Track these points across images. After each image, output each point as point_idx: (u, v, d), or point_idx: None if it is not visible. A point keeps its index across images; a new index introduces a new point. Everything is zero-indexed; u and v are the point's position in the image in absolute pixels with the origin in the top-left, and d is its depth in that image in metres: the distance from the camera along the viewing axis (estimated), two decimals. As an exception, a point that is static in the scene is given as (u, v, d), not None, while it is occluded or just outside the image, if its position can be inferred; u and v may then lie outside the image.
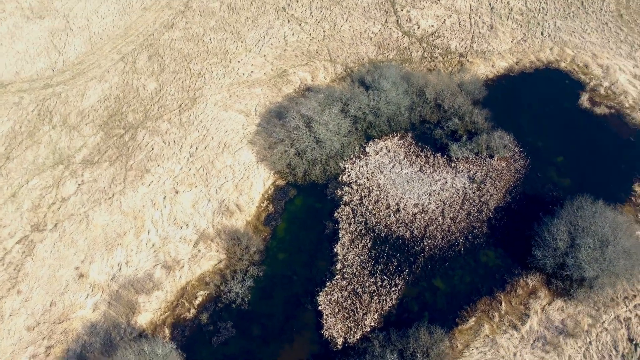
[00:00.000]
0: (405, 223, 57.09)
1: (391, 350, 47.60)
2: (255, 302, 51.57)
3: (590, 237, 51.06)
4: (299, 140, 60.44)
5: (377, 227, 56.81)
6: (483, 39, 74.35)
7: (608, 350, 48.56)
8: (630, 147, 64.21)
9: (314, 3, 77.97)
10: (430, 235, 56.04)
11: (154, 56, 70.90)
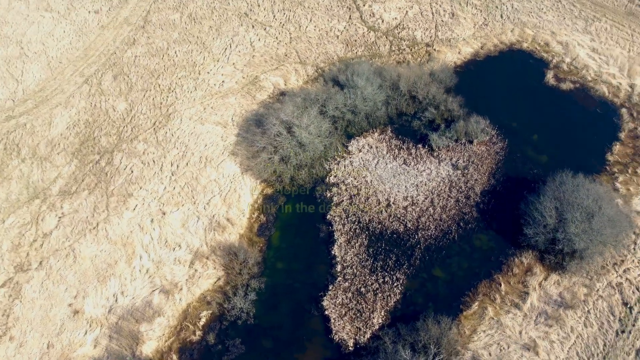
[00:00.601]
0: (397, 217, 57.44)
1: (402, 345, 47.86)
2: (261, 315, 50.81)
3: (576, 211, 52.74)
4: (282, 146, 59.76)
5: (371, 224, 56.92)
6: (446, 27, 75.38)
7: (606, 316, 50.40)
8: (597, 119, 66.66)
9: (276, 6, 77.06)
10: (423, 227, 56.58)
11: (119, 75, 68.42)
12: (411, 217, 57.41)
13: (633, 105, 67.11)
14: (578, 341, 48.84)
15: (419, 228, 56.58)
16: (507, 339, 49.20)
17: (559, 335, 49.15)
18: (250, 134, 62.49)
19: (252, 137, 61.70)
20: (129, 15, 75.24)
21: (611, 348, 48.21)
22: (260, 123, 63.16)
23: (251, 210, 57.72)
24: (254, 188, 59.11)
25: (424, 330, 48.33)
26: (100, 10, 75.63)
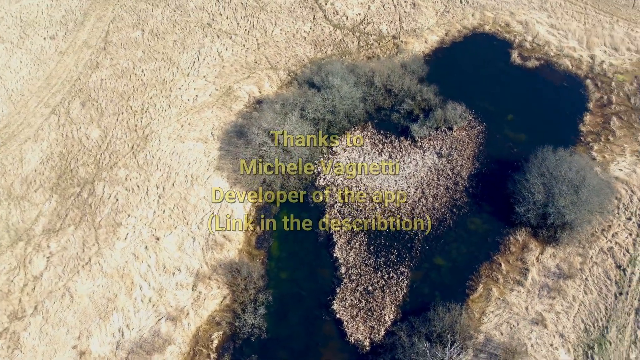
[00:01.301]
0: (392, 211, 57.83)
1: (418, 337, 48.39)
2: (273, 328, 50.26)
3: (563, 184, 54.50)
4: (268, 155, 59.06)
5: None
6: (410, 17, 76.12)
7: (602, 281, 52.44)
8: (565, 92, 69.00)
9: (238, 13, 75.81)
10: (418, 218, 57.17)
11: (87, 102, 65.77)
12: (405, 210, 57.89)
13: (596, 75, 69.76)
14: (581, 309, 50.63)
15: (414, 219, 57.10)
16: (515, 316, 50.46)
17: (563, 306, 50.79)
18: (233, 147, 61.43)
19: (236, 150, 60.69)
20: (88, 37, 72.34)
21: (612, 311, 50.23)
22: (241, 134, 62.16)
23: (246, 224, 56.80)
24: (245, 201, 58.15)
25: (437, 320, 48.97)
26: (56, 36, 72.38)
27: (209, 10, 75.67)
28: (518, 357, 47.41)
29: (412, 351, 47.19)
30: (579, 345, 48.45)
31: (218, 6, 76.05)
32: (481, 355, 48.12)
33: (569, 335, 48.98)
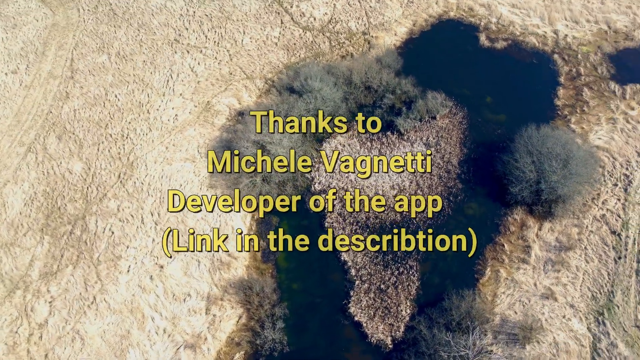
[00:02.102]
0: (391, 207, 58.11)
1: (438, 328, 48.99)
2: (295, 341, 49.83)
3: (552, 160, 56.06)
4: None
5: (369, 220, 57.20)
6: (376, 12, 76.30)
7: (601, 248, 54.38)
8: (536, 69, 70.87)
9: (204, 26, 74.11)
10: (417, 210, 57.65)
11: (63, 135, 63.01)
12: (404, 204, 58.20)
13: (562, 49, 71.91)
14: (585, 277, 52.39)
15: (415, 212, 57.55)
16: (525, 293, 51.76)
17: (569, 277, 52.43)
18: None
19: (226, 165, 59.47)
20: (52, 68, 69.16)
21: (615, 275, 52.21)
22: (229, 148, 61.02)
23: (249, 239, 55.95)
24: (244, 215, 57.27)
25: (453, 308, 49.66)
26: (17, 70, 68.87)
27: (173, 25, 73.63)
28: (535, 333, 48.66)
29: (435, 343, 47.72)
30: (590, 313, 50.15)
31: (182, 21, 74.11)
32: (500, 336, 49.13)
33: (579, 305, 50.62)
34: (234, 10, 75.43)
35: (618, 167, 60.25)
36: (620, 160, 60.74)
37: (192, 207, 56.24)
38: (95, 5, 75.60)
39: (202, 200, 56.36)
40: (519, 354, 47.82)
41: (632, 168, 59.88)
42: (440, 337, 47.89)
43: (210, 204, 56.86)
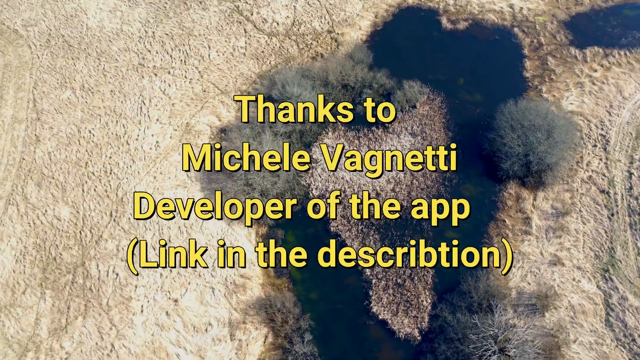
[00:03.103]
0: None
1: (461, 312, 49.85)
2: (325, 350, 49.48)
3: (536, 131, 57.73)
4: (256, 181, 57.05)
5: (373, 217, 57.24)
6: (337, 8, 75.81)
7: (594, 208, 56.66)
8: (500, 45, 72.56)
9: (167, 45, 71.46)
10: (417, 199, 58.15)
11: (42, 181, 59.49)
12: (403, 197, 58.63)
13: (520, 22, 73.89)
14: (586, 239, 54.53)
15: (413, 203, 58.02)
16: (534, 264, 53.36)
17: (570, 241, 54.40)
18: (216, 183, 58.66)
19: (220, 185, 58.02)
20: (15, 112, 64.91)
21: (611, 232, 54.58)
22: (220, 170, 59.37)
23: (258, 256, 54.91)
24: (249, 233, 56.10)
25: (472, 290, 50.61)
26: (-23, 119, 64.30)
27: (134, 49, 70.60)
28: (551, 300, 50.33)
29: (462, 327, 48.49)
30: (596, 272, 52.30)
31: (143, 43, 71.16)
32: (519, 309, 50.51)
33: (585, 266, 52.67)
34: (194, 25, 73.05)
35: (594, 128, 62.77)
36: (595, 122, 63.28)
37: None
38: (47, 40, 71.41)
39: (176, 205, 54.76)
40: (540, 322, 49.33)
41: (606, 127, 62.51)
42: (465, 320, 48.70)
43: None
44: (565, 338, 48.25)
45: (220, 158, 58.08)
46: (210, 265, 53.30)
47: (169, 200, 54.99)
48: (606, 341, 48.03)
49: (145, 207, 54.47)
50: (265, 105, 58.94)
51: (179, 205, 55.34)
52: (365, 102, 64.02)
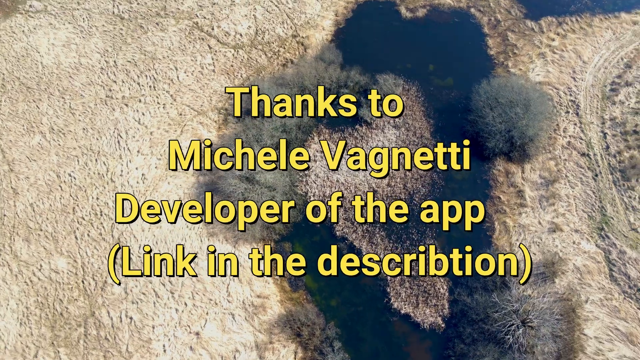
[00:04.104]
0: (389, 196, 58.47)
1: (478, 293, 50.82)
2: (356, 355, 49.34)
3: (515, 107, 59.16)
4: (254, 198, 55.77)
5: (376, 215, 57.21)
6: (297, 11, 74.65)
7: (578, 171, 58.78)
8: (460, 27, 73.64)
9: (132, 72, 68.29)
10: (413, 191, 58.62)
11: (30, 235, 55.85)
12: (399, 190, 58.89)
13: (475, 2, 75.23)
14: (577, 202, 56.58)
15: (412, 195, 58.43)
16: (535, 234, 54.94)
17: (563, 207, 56.32)
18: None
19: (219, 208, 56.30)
20: (-16, 167, 60.46)
21: (599, 192, 56.87)
22: (215, 191, 57.72)
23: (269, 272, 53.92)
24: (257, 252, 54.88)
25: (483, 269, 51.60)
26: (-57, 181, 59.37)
27: (99, 82, 67.10)
28: (557, 266, 52.03)
29: (483, 307, 49.43)
30: (593, 232, 54.44)
31: (106, 74, 67.72)
32: (530, 280, 51.93)
33: (581, 228, 54.71)
34: (156, 48, 70.12)
35: (563, 95, 64.93)
36: (562, 89, 65.46)
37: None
38: (1, 84, 66.72)
39: (162, 208, 53.50)
40: (552, 289, 50.97)
41: (574, 93, 64.81)
42: (484, 300, 49.64)
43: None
44: (578, 300, 50.05)
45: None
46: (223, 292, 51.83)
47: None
48: (614, 295, 50.17)
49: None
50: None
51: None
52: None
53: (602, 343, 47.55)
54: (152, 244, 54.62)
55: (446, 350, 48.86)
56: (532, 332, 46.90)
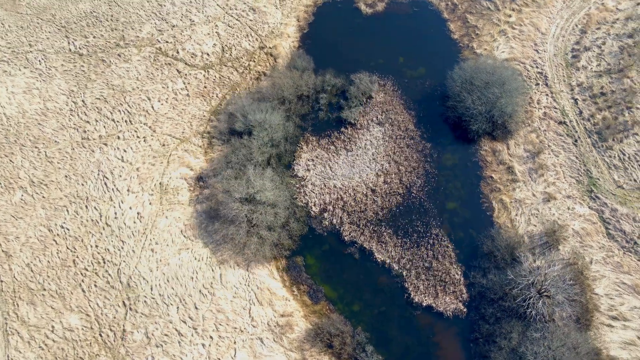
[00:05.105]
0: (387, 193, 58.51)
1: (492, 272, 51.77)
2: (389, 355, 49.40)
3: (492, 88, 60.09)
4: (259, 219, 54.56)
5: (378, 215, 57.17)
6: (259, 22, 72.96)
7: (559, 139, 60.43)
8: (420, 16, 73.97)
9: (104, 110, 64.93)
10: (410, 184, 58.83)
11: (34, 297, 52.37)
12: (396, 185, 58.96)
13: (431, -10, 75.47)
14: (563, 169, 58.32)
15: (409, 188, 58.64)
16: (531, 206, 56.32)
17: (552, 176, 57.94)
18: (218, 235, 55.31)
19: (224, 235, 54.80)
20: (-33, 234, 56.11)
21: (581, 156, 58.79)
22: (216, 217, 56.01)
23: (288, 290, 53.08)
24: (271, 271, 53.87)
25: (493, 250, 52.58)
26: None
27: (71, 125, 63.47)
28: (559, 233, 53.58)
29: (500, 285, 50.40)
30: (583, 195, 56.32)
31: (77, 114, 64.13)
32: (536, 251, 53.32)
33: (572, 193, 56.50)
34: (123, 80, 66.90)
35: (530, 68, 66.47)
36: (528, 62, 66.99)
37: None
38: (-34, 145, 62.02)
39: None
40: (558, 256, 52.47)
41: (540, 64, 66.46)
42: (499, 279, 50.59)
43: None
44: (583, 262, 51.79)
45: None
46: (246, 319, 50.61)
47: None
48: (615, 252, 52.24)
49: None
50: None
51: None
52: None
53: (613, 299, 49.46)
54: (162, 283, 52.51)
55: (472, 333, 49.58)
56: (549, 301, 48.16)
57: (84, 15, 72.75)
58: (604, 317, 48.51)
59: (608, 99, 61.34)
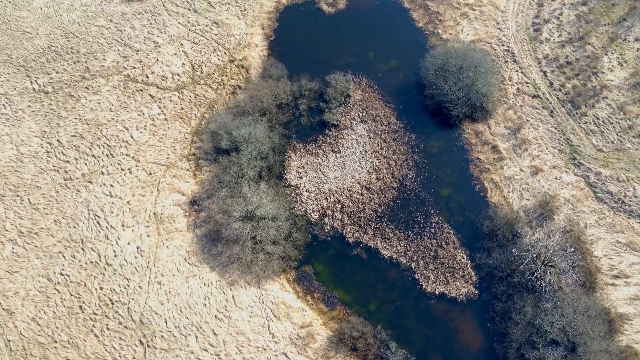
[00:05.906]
0: (382, 189, 58.40)
1: (497, 252, 52.56)
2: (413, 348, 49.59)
3: (466, 71, 60.55)
4: (262, 234, 53.55)
5: (377, 212, 57.05)
6: (225, 35, 71.09)
7: (535, 112, 61.58)
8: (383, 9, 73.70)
9: (82, 147, 61.97)
10: (402, 177, 58.90)
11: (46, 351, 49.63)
12: (389, 180, 58.90)
13: (389, -19, 75.11)
14: (545, 141, 59.54)
15: (402, 181, 58.70)
16: (520, 181, 57.33)
17: (536, 149, 59.09)
18: (223, 257, 54.03)
19: (229, 255, 53.58)
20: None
21: (560, 126, 60.19)
22: (218, 239, 54.66)
23: (303, 300, 52.46)
24: (282, 284, 53.09)
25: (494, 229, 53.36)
26: None
27: (50, 167, 60.35)
28: (551, 203, 54.79)
29: (505, 262, 51.25)
30: (568, 163, 57.74)
31: (54, 155, 61.01)
32: (533, 224, 54.42)
33: (557, 162, 57.83)
34: (96, 113, 63.98)
35: (496, 47, 67.34)
36: (494, 42, 67.84)
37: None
38: (-59, 203, 58.08)
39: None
40: (554, 226, 53.70)
41: (505, 42, 67.41)
42: (503, 257, 51.42)
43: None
44: (579, 228, 53.20)
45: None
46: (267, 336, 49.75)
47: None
48: (606, 213, 53.89)
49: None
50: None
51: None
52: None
53: (612, 258, 51.09)
54: (176, 314, 50.93)
55: (488, 313, 50.30)
56: (554, 271, 49.31)
57: (42, 52, 68.96)
58: (606, 277, 50.03)
59: (574, 67, 62.81)
